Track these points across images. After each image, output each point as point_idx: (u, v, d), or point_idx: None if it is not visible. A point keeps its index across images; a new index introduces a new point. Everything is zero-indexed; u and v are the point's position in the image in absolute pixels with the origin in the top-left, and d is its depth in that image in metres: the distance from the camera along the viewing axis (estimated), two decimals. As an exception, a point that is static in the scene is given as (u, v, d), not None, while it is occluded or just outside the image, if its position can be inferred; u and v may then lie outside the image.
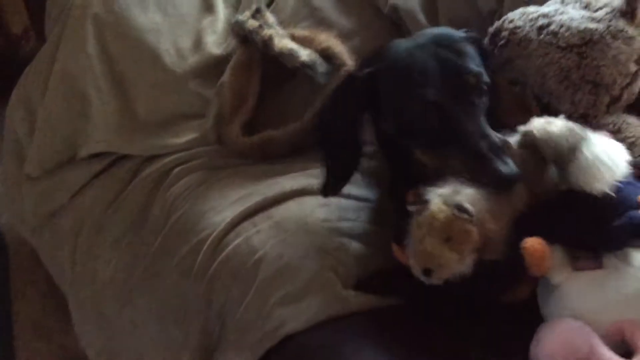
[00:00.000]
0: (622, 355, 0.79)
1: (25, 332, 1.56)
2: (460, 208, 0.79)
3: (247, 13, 1.18)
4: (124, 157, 1.25)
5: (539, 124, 0.83)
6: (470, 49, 0.87)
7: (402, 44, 0.90)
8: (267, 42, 1.13)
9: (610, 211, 0.79)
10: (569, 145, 0.80)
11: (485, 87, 0.85)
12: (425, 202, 0.81)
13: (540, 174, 0.84)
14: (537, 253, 0.79)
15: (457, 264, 0.80)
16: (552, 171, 0.83)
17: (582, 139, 0.80)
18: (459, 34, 0.90)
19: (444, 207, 0.79)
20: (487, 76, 0.86)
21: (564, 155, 0.80)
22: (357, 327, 0.87)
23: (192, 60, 1.27)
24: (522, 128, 0.84)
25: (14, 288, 1.62)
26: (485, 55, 0.91)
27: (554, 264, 0.82)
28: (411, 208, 0.82)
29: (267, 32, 1.13)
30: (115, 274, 1.17)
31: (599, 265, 0.82)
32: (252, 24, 1.15)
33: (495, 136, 0.83)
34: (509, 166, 0.80)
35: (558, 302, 0.83)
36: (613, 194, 0.78)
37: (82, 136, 1.26)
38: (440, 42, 0.87)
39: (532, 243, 0.79)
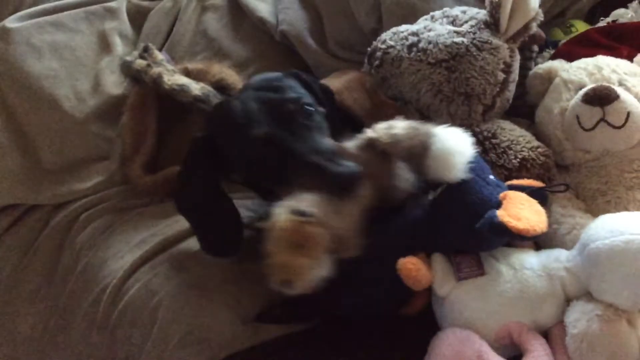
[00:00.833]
0: (513, 358, 0.82)
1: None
2: (301, 212, 0.79)
3: (135, 53, 1.18)
4: (33, 208, 1.23)
5: (382, 130, 0.84)
6: (288, 82, 0.92)
7: (232, 100, 0.93)
8: (157, 80, 1.13)
9: (474, 213, 0.82)
10: (420, 143, 0.82)
11: (309, 108, 0.88)
12: (269, 217, 0.81)
13: (387, 169, 0.85)
14: (411, 272, 0.81)
15: (314, 269, 0.80)
16: (405, 174, 0.86)
17: (430, 134, 0.83)
18: (277, 74, 0.94)
19: (288, 216, 0.79)
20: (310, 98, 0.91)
21: (417, 153, 0.83)
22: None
23: (92, 102, 1.26)
24: (366, 135, 0.85)
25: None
26: (307, 83, 0.95)
27: (436, 276, 0.84)
28: (258, 225, 0.82)
29: (155, 70, 1.13)
30: (32, 328, 1.14)
31: (482, 272, 0.85)
32: (140, 63, 1.14)
33: (331, 145, 0.85)
34: (345, 166, 0.81)
35: (448, 313, 0.86)
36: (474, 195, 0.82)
37: (-13, 191, 1.24)
38: (260, 87, 0.91)
39: (404, 263, 0.81)
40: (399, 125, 0.83)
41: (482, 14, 1.00)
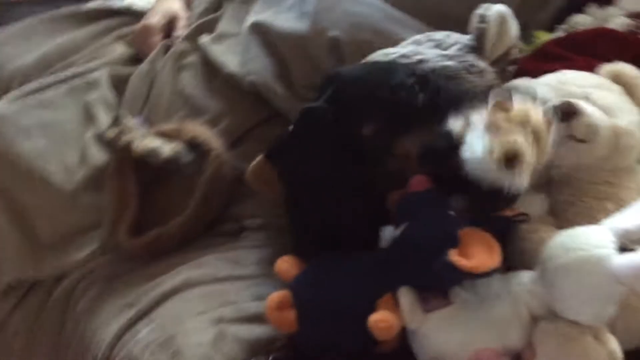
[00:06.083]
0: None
1: None
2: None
3: (107, 123, 1.22)
4: (37, 282, 1.27)
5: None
6: None
7: None
8: (127, 148, 1.16)
9: (433, 250, 0.81)
10: None
11: None
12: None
13: None
14: (383, 331, 0.81)
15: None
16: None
17: None
18: None
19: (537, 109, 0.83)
20: None
21: None
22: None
23: (81, 174, 1.29)
24: None
25: None
26: None
27: (405, 311, 0.84)
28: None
29: (125, 138, 1.17)
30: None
31: (448, 302, 0.84)
32: (110, 133, 1.18)
33: None
34: None
35: (420, 346, 0.85)
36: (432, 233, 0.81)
37: (-8, 271, 1.29)
38: None
39: (376, 322, 0.81)
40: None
41: (465, 38, 1.02)
